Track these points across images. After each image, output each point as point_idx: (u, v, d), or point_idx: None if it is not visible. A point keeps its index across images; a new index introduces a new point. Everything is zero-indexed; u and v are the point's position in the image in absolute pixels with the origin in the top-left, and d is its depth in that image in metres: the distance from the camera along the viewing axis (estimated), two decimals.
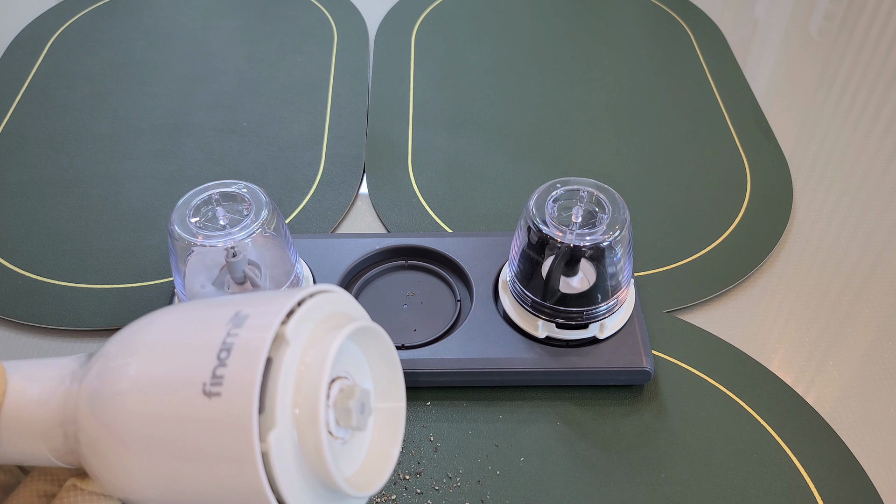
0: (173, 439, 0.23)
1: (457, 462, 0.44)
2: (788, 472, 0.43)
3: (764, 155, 0.64)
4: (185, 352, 0.24)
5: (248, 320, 0.23)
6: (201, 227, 0.44)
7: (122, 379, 0.24)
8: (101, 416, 0.24)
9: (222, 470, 0.23)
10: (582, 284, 0.46)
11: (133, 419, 0.24)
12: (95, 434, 0.25)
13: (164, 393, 0.24)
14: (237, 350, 0.23)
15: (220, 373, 0.22)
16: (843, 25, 0.81)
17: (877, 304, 0.53)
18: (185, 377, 0.23)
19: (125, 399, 0.24)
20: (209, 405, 0.22)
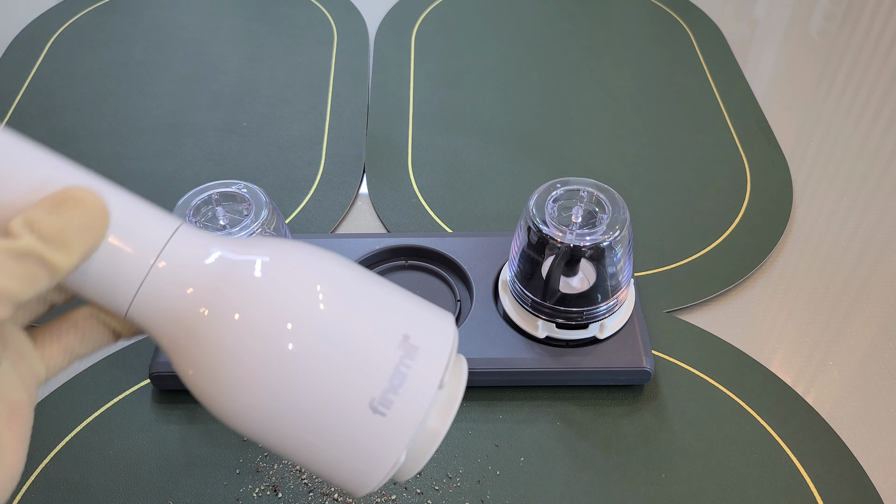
0: (310, 414, 0.27)
1: (457, 462, 0.44)
2: (788, 472, 0.43)
3: (764, 155, 0.64)
4: (360, 359, 0.27)
5: (418, 354, 0.28)
6: (201, 226, 0.44)
7: (290, 337, 0.27)
8: (247, 341, 0.27)
9: (343, 457, 0.28)
10: (582, 284, 0.46)
11: (286, 377, 0.27)
12: (220, 345, 0.27)
13: (331, 382, 0.27)
14: (409, 385, 0.27)
15: (390, 398, 0.27)
16: (843, 25, 0.81)
17: (877, 304, 0.53)
18: (357, 382, 0.27)
19: (286, 354, 0.27)
20: (371, 418, 0.27)
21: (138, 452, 0.44)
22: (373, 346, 0.28)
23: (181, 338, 0.28)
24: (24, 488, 0.43)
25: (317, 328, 0.27)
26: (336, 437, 0.28)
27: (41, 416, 0.46)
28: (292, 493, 0.42)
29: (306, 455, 0.29)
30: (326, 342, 0.27)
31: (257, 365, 0.27)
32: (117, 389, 0.47)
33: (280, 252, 0.29)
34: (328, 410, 0.27)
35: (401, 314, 0.29)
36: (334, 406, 0.27)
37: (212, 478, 0.43)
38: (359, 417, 0.27)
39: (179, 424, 0.46)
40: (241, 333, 0.27)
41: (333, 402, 0.27)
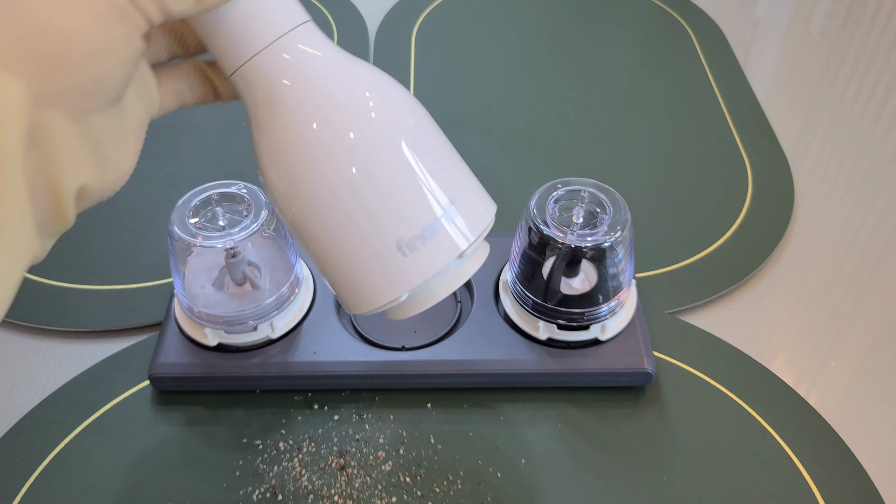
0: (347, 221, 0.31)
1: (457, 464, 0.44)
2: (790, 474, 0.43)
3: (765, 155, 0.64)
4: (408, 200, 0.32)
5: (454, 221, 0.32)
6: (201, 227, 0.44)
7: (359, 151, 0.31)
8: (322, 137, 0.31)
9: (355, 275, 0.33)
10: (583, 285, 0.46)
11: (343, 178, 0.31)
12: (298, 130, 0.31)
13: (375, 204, 0.31)
14: (436, 241, 0.32)
15: (416, 244, 0.31)
16: (844, 25, 0.81)
17: (879, 305, 0.53)
18: (395, 218, 0.31)
19: (347, 169, 0.31)
20: (393, 253, 0.32)
21: (138, 454, 0.44)
22: (422, 196, 0.32)
23: (266, 114, 0.32)
24: (23, 488, 0.43)
25: (388, 155, 0.31)
26: (358, 253, 0.32)
27: (41, 417, 0.46)
28: (292, 495, 0.42)
29: (325, 258, 0.33)
30: (387, 170, 0.31)
31: (323, 157, 0.31)
32: (117, 390, 0.47)
33: (387, 87, 0.33)
34: (362, 226, 0.31)
35: (457, 183, 0.33)
36: (368, 225, 0.31)
37: (211, 480, 0.43)
38: (384, 247, 0.31)
39: (179, 426, 0.45)
40: (320, 131, 0.31)
41: (370, 221, 0.31)
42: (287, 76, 0.31)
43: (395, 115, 0.33)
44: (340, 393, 0.47)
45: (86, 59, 0.25)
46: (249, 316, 0.45)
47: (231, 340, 0.46)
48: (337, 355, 0.46)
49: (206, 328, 0.46)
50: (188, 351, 0.46)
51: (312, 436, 0.45)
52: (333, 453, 0.44)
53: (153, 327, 0.51)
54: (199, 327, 0.46)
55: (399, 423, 0.45)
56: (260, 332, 0.46)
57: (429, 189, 0.32)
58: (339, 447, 0.44)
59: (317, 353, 0.46)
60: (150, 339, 0.50)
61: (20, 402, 0.47)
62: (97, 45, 0.25)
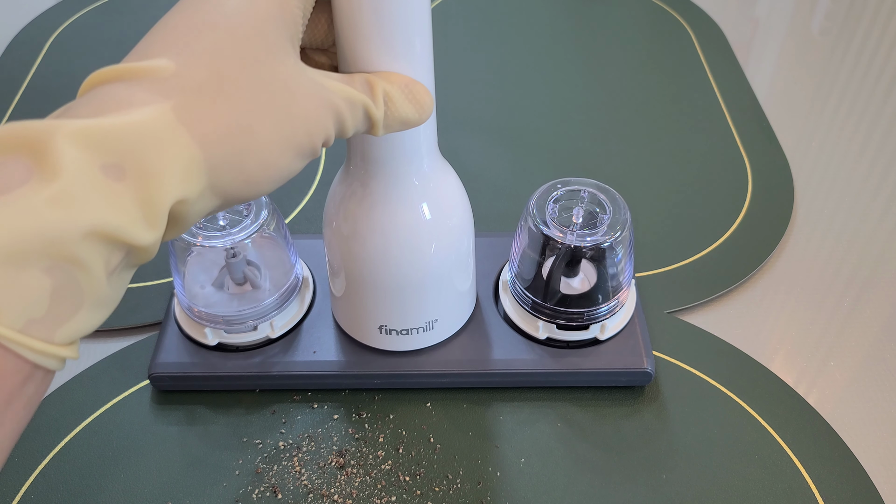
0: None
1: (457, 463, 0.44)
2: (790, 474, 0.43)
3: (765, 155, 0.64)
4: (411, 308, 0.44)
5: (427, 332, 0.46)
6: (201, 227, 0.44)
7: None
8: None
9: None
10: (583, 285, 0.46)
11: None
12: None
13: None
14: (407, 338, 0.45)
15: (393, 334, 0.45)
16: (844, 25, 0.81)
17: (878, 305, 0.53)
18: (393, 315, 0.44)
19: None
20: (376, 331, 0.45)
21: (138, 453, 0.44)
22: (424, 309, 0.44)
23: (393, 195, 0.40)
24: (23, 488, 0.43)
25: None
26: (358, 309, 0.44)
27: (40, 417, 0.46)
28: (292, 494, 0.42)
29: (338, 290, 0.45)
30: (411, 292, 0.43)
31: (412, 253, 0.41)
32: (117, 390, 0.47)
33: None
34: (374, 305, 0.43)
35: (445, 307, 0.45)
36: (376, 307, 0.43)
37: (211, 479, 0.43)
38: (371, 325, 0.45)
39: (179, 425, 0.46)
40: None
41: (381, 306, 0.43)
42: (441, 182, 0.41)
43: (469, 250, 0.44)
44: (340, 392, 0.47)
45: (270, 185, 0.27)
46: (249, 316, 0.45)
47: (231, 340, 0.46)
48: (336, 355, 0.46)
49: (206, 328, 0.46)
50: (188, 350, 0.46)
51: (312, 435, 0.45)
52: (333, 452, 0.44)
53: (153, 327, 0.51)
54: (199, 327, 0.46)
55: (398, 423, 0.45)
56: (260, 332, 0.46)
57: (427, 312, 0.43)
58: (339, 446, 0.44)
59: (316, 353, 0.46)
60: (150, 338, 0.50)
61: None
62: (284, 176, 0.28)
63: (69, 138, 0.22)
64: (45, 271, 0.22)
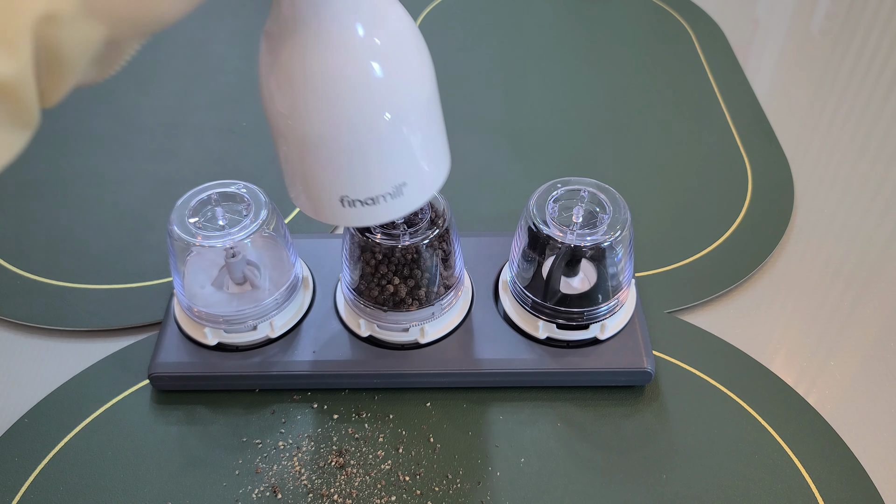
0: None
1: (457, 463, 0.44)
2: (790, 473, 0.43)
3: (765, 155, 0.64)
4: (370, 170, 0.36)
5: (396, 199, 0.37)
6: (200, 227, 0.44)
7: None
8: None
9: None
10: (583, 285, 0.46)
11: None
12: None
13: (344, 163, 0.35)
14: (372, 209, 0.37)
15: (357, 205, 0.37)
16: (844, 25, 0.81)
17: (878, 305, 0.53)
18: (348, 182, 0.36)
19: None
20: (337, 204, 0.36)
21: (138, 453, 0.44)
22: (385, 171, 0.36)
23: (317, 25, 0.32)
24: (23, 488, 0.43)
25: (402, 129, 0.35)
26: (313, 183, 0.36)
27: (40, 416, 0.46)
28: (292, 494, 0.42)
29: (287, 163, 0.36)
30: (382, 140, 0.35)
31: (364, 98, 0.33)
32: (117, 389, 0.47)
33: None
34: (321, 174, 0.35)
35: (416, 167, 0.37)
36: (324, 176, 0.35)
37: (211, 478, 0.43)
38: (330, 196, 0.36)
39: (179, 425, 0.46)
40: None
41: (327, 172, 0.35)
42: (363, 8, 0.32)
43: (431, 88, 0.37)
44: (340, 392, 0.47)
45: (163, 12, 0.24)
46: (249, 316, 0.45)
47: (231, 340, 0.46)
48: (336, 354, 0.46)
49: (206, 328, 0.46)
50: (188, 350, 0.46)
51: (312, 435, 0.45)
52: (333, 452, 0.44)
53: (153, 327, 0.51)
54: (199, 327, 0.46)
55: (398, 423, 0.45)
56: (259, 332, 0.46)
57: (393, 172, 0.36)
58: (339, 446, 0.44)
59: (316, 353, 0.46)
60: (149, 338, 0.50)
61: (20, 402, 0.47)
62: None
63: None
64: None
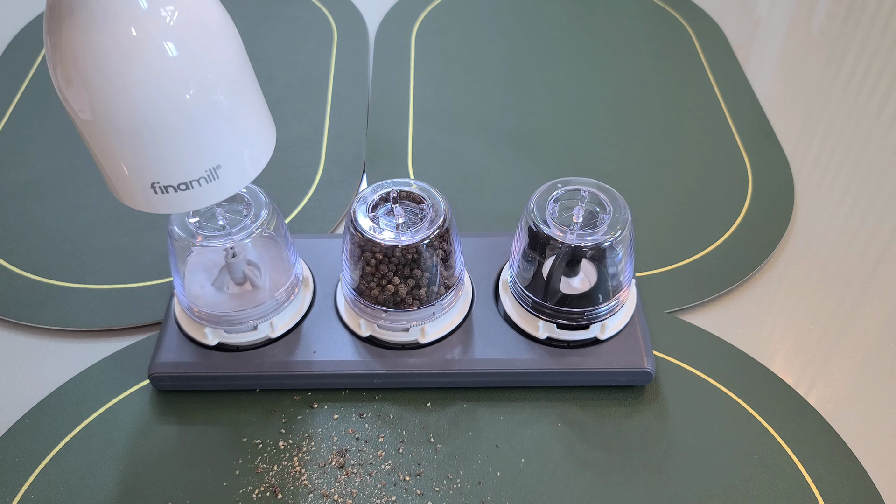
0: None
1: (457, 463, 0.44)
2: (790, 473, 0.43)
3: (765, 155, 0.64)
4: (180, 155, 0.34)
5: (209, 185, 0.36)
6: (200, 227, 0.44)
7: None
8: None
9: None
10: (583, 285, 0.46)
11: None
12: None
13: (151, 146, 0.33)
14: (184, 195, 0.36)
15: (169, 191, 0.36)
16: (844, 24, 0.81)
17: (878, 305, 0.53)
18: (159, 167, 0.34)
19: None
20: (148, 190, 0.35)
21: (138, 453, 0.44)
22: (196, 157, 0.34)
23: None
24: (23, 488, 0.43)
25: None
26: (121, 171, 0.34)
27: (40, 416, 0.46)
28: (292, 494, 0.42)
29: (95, 148, 0.34)
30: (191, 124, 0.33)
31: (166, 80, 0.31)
32: (117, 389, 0.47)
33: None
34: (134, 157, 0.33)
35: (232, 149, 0.35)
36: (136, 160, 0.34)
37: (211, 479, 0.43)
38: (140, 181, 0.35)
39: (179, 425, 0.45)
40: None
41: (140, 156, 0.34)
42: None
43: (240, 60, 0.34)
44: (340, 392, 0.47)
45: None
46: (249, 316, 0.45)
47: (231, 340, 0.46)
48: (336, 354, 0.46)
49: (206, 328, 0.46)
50: (188, 350, 0.46)
51: (312, 435, 0.45)
52: (333, 452, 0.44)
53: (153, 327, 0.51)
54: (199, 327, 0.46)
55: (399, 423, 0.45)
56: (260, 332, 0.46)
57: (205, 154, 0.34)
58: (339, 446, 0.44)
59: (316, 353, 0.46)
60: (150, 338, 0.50)
61: (20, 402, 0.47)
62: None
63: None
64: None
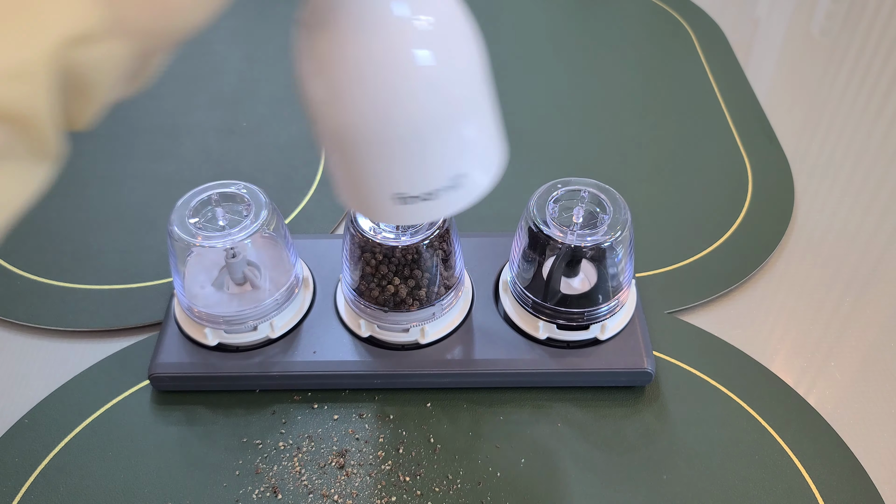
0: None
1: (457, 463, 0.44)
2: (790, 474, 0.43)
3: (765, 155, 0.64)
4: (428, 164, 0.33)
5: (452, 192, 0.33)
6: (201, 227, 0.44)
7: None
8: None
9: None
10: (583, 285, 0.46)
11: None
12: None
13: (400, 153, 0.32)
14: (428, 204, 0.34)
15: (411, 202, 0.34)
16: (844, 25, 0.81)
17: (878, 305, 0.53)
18: (405, 178, 0.33)
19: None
20: (389, 202, 0.33)
21: (138, 453, 0.44)
22: (441, 165, 0.33)
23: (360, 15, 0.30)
24: (23, 489, 0.43)
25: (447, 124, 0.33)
26: (364, 181, 0.33)
27: (40, 417, 0.46)
28: (292, 494, 0.42)
29: (333, 156, 0.34)
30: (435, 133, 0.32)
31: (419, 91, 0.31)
32: (117, 390, 0.47)
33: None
34: (375, 168, 0.32)
35: (472, 159, 0.34)
36: (379, 170, 0.33)
37: (211, 479, 0.43)
38: (383, 193, 0.33)
39: (179, 425, 0.45)
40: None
41: (384, 167, 0.32)
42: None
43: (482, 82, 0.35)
44: (340, 392, 0.47)
45: (192, 5, 0.22)
46: (249, 316, 0.45)
47: (231, 340, 0.46)
48: (337, 355, 0.46)
49: (206, 328, 0.46)
50: (188, 351, 0.46)
51: (312, 435, 0.45)
52: (333, 452, 0.44)
53: (153, 327, 0.51)
54: (199, 327, 0.46)
55: (399, 423, 0.45)
56: (260, 332, 0.46)
57: (450, 162, 0.33)
58: (339, 446, 0.44)
59: (316, 353, 0.46)
60: (150, 338, 0.50)
61: (20, 402, 0.47)
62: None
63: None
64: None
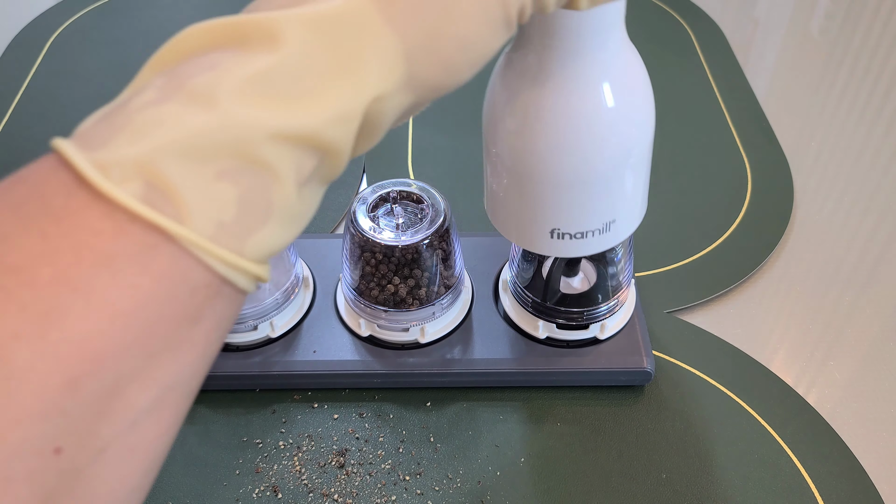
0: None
1: (457, 463, 0.44)
2: (789, 473, 0.43)
3: (765, 155, 0.64)
4: (589, 207, 0.37)
5: (603, 235, 0.39)
6: None
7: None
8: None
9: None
10: (582, 285, 0.46)
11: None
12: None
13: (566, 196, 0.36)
14: (581, 241, 0.38)
15: (566, 238, 0.38)
16: (844, 25, 0.81)
17: (878, 304, 0.53)
18: (564, 217, 0.37)
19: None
20: (546, 236, 0.38)
21: None
22: (603, 209, 0.38)
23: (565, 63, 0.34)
24: None
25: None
26: (523, 212, 0.37)
27: None
28: (292, 493, 0.42)
29: (501, 191, 0.37)
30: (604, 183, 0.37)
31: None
32: None
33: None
34: (539, 205, 0.36)
35: (625, 206, 0.40)
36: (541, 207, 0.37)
37: (211, 478, 0.43)
38: (541, 227, 0.37)
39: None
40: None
41: (542, 204, 0.36)
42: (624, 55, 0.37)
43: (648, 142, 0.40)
44: (340, 392, 0.47)
45: (469, 68, 0.25)
46: (249, 316, 0.45)
47: (231, 339, 0.46)
48: (337, 354, 0.46)
49: None
50: None
51: (312, 434, 0.45)
52: (333, 452, 0.44)
53: None
54: None
55: (399, 422, 0.46)
56: (260, 332, 0.46)
57: (609, 208, 0.38)
58: (339, 446, 0.44)
59: (317, 352, 0.46)
60: None
61: None
62: (483, 56, 0.25)
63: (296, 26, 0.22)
64: (230, 173, 0.20)
